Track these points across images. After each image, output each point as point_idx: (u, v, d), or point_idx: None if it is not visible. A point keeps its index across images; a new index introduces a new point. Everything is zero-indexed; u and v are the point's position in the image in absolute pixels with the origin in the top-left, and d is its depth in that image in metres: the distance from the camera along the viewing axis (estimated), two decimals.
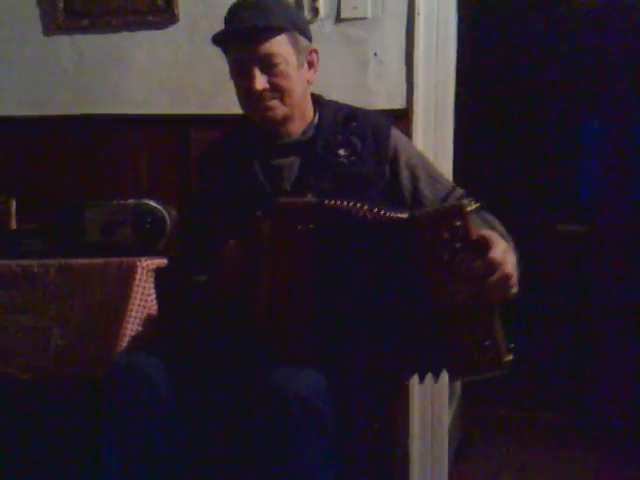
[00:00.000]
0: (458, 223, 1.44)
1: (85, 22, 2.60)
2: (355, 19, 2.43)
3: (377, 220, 1.53)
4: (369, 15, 2.42)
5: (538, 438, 3.30)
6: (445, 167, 2.43)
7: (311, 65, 1.83)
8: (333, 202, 1.55)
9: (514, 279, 1.47)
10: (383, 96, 2.43)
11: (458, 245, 1.45)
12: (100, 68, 2.61)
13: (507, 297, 1.49)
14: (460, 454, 2.92)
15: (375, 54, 2.43)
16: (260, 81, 1.72)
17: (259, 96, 1.73)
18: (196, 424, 1.68)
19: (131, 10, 2.58)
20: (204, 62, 2.51)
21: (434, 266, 1.47)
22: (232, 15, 1.76)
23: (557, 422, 3.53)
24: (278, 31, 1.72)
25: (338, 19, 2.44)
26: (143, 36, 2.59)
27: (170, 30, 2.57)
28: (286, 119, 1.79)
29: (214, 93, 2.49)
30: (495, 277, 1.44)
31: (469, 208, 1.46)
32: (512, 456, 3.04)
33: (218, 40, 1.77)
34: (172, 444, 1.62)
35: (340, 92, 2.12)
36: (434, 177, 1.85)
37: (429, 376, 1.58)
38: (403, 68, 2.42)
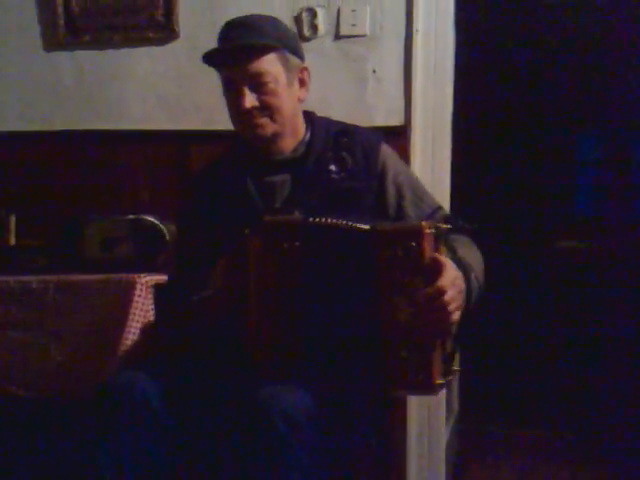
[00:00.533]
0: (413, 244, 1.46)
1: (86, 38, 2.61)
2: (354, 36, 2.45)
3: (348, 231, 1.54)
4: (368, 32, 2.44)
5: (535, 455, 3.29)
6: (443, 184, 2.45)
7: (302, 83, 1.83)
8: (317, 219, 1.56)
9: (453, 308, 1.48)
10: (381, 113, 2.44)
11: (409, 265, 1.47)
12: (100, 84, 2.63)
13: (446, 325, 1.51)
14: (457, 471, 2.92)
15: (374, 71, 2.45)
16: (249, 99, 1.72)
17: (249, 114, 1.74)
18: (190, 441, 1.68)
19: (131, 26, 2.59)
20: (204, 78, 2.49)
21: (384, 281, 1.50)
22: (223, 35, 1.78)
23: (555, 439, 3.52)
24: (267, 50, 1.72)
25: (337, 36, 2.46)
26: (143, 52, 2.60)
27: (170, 46, 2.59)
28: (276, 136, 1.79)
29: (214, 109, 2.48)
30: (436, 303, 1.46)
31: (427, 230, 1.47)
32: (510, 473, 3.04)
33: (209, 60, 1.78)
34: (166, 461, 1.61)
35: (339, 109, 2.13)
36: (420, 196, 1.85)
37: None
38: (401, 85, 2.43)
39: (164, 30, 2.57)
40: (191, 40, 2.55)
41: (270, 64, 1.73)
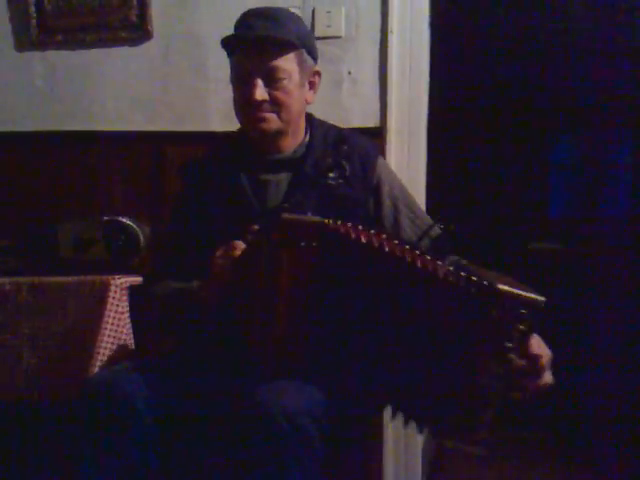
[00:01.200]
0: (526, 314, 1.40)
1: (58, 38, 2.59)
2: (329, 37, 2.45)
3: (430, 274, 1.46)
4: (343, 34, 2.44)
5: (515, 458, 3.30)
6: (418, 185, 2.45)
7: (312, 86, 1.83)
8: (337, 222, 1.53)
9: (545, 389, 1.49)
10: (357, 114, 2.44)
11: (519, 335, 1.41)
12: (73, 84, 2.60)
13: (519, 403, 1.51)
14: (434, 469, 2.92)
15: (349, 72, 2.45)
16: (260, 91, 1.71)
17: (257, 106, 1.73)
18: (177, 441, 1.67)
19: (104, 26, 2.57)
20: (178, 79, 2.51)
21: (485, 342, 1.42)
22: (244, 21, 1.75)
23: (535, 442, 3.54)
24: (288, 47, 1.72)
25: None
26: (117, 52, 2.58)
27: (144, 47, 2.57)
28: (279, 134, 1.78)
29: (188, 110, 2.49)
30: (530, 385, 1.46)
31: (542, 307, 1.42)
32: (488, 471, 3.04)
33: (227, 44, 1.77)
34: (149, 462, 1.60)
35: (315, 110, 2.12)
36: (414, 212, 1.87)
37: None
38: (377, 87, 2.43)
39: (138, 30, 2.55)
40: (165, 40, 2.54)
41: (288, 62, 1.73)
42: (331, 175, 1.78)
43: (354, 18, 2.43)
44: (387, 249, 1.48)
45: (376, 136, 2.38)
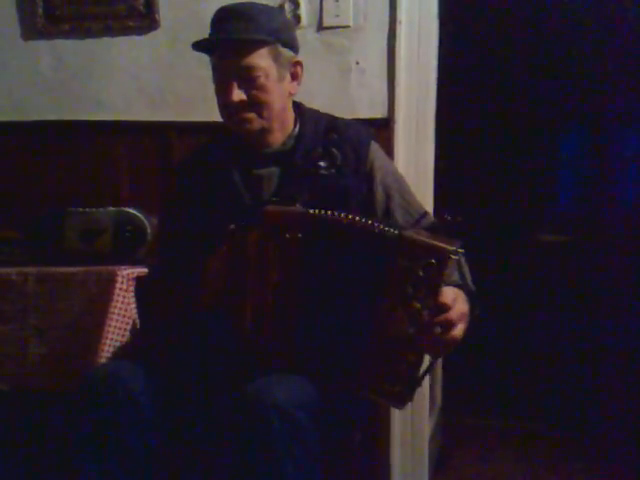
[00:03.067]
0: (434, 262, 1.44)
1: (65, 27, 2.58)
2: (337, 27, 2.43)
3: (366, 230, 1.52)
4: (351, 24, 2.43)
5: (519, 449, 3.30)
6: (426, 176, 2.44)
7: (294, 77, 1.80)
8: (321, 211, 1.54)
9: (456, 333, 1.48)
10: (365, 105, 2.43)
11: (424, 282, 1.45)
12: (80, 73, 2.60)
13: (437, 355, 1.55)
14: (440, 464, 2.92)
15: (357, 63, 2.43)
16: (237, 93, 1.70)
17: (236, 108, 1.72)
18: (177, 433, 1.67)
19: (111, 15, 2.56)
20: (185, 68, 2.50)
21: (392, 290, 1.48)
22: (216, 22, 1.74)
23: (536, 432, 3.53)
24: (260, 44, 1.69)
25: (320, 27, 2.44)
26: (123, 41, 2.57)
27: (151, 36, 2.56)
28: (264, 131, 1.77)
29: (195, 99, 2.48)
30: (441, 334, 1.47)
31: (453, 256, 1.45)
32: (493, 466, 3.04)
33: (198, 47, 1.75)
34: (150, 454, 1.60)
35: (322, 101, 2.11)
36: (407, 200, 1.84)
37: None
38: (385, 77, 2.42)
39: (144, 19, 2.54)
40: (172, 30, 2.53)
41: (261, 59, 1.70)
42: (321, 164, 1.76)
43: (362, 8, 2.41)
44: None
45: (384, 127, 2.38)
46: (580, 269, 4.60)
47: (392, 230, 1.50)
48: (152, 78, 2.56)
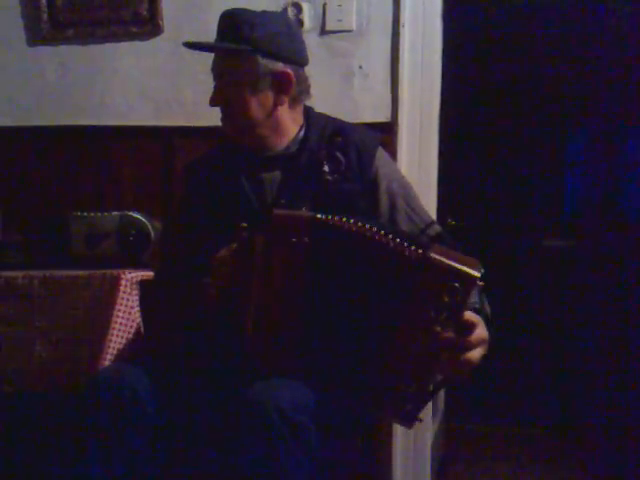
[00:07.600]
0: (458, 286, 1.38)
1: (69, 33, 2.59)
2: (340, 31, 2.44)
3: (386, 246, 1.47)
4: (354, 27, 2.43)
5: (521, 453, 3.30)
6: (430, 180, 2.44)
7: (283, 88, 1.76)
8: (330, 217, 1.51)
9: (470, 368, 1.46)
10: (368, 109, 2.43)
11: (448, 305, 1.40)
12: (84, 79, 2.60)
13: (452, 377, 1.50)
14: (443, 471, 2.92)
15: (360, 67, 2.43)
16: (214, 95, 1.77)
17: (220, 109, 1.79)
18: (180, 435, 1.67)
19: (115, 21, 2.57)
20: (188, 73, 2.51)
21: (413, 313, 1.43)
22: (217, 26, 1.78)
23: (540, 437, 3.53)
24: (233, 53, 1.73)
25: (323, 31, 2.45)
26: (127, 47, 2.58)
27: (154, 41, 2.57)
28: (243, 135, 1.79)
29: (198, 105, 2.48)
30: (460, 358, 1.43)
31: (479, 283, 1.41)
32: (495, 471, 3.04)
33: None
34: (154, 456, 1.61)
35: (325, 105, 2.11)
36: (413, 208, 1.82)
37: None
38: (388, 81, 2.42)
39: (148, 25, 2.55)
40: (175, 35, 2.53)
41: (233, 68, 1.74)
42: (325, 169, 1.76)
43: (365, 11, 2.42)
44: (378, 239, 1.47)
45: (387, 131, 2.37)
46: (585, 274, 4.59)
47: (414, 248, 1.45)
48: (155, 83, 2.57)
